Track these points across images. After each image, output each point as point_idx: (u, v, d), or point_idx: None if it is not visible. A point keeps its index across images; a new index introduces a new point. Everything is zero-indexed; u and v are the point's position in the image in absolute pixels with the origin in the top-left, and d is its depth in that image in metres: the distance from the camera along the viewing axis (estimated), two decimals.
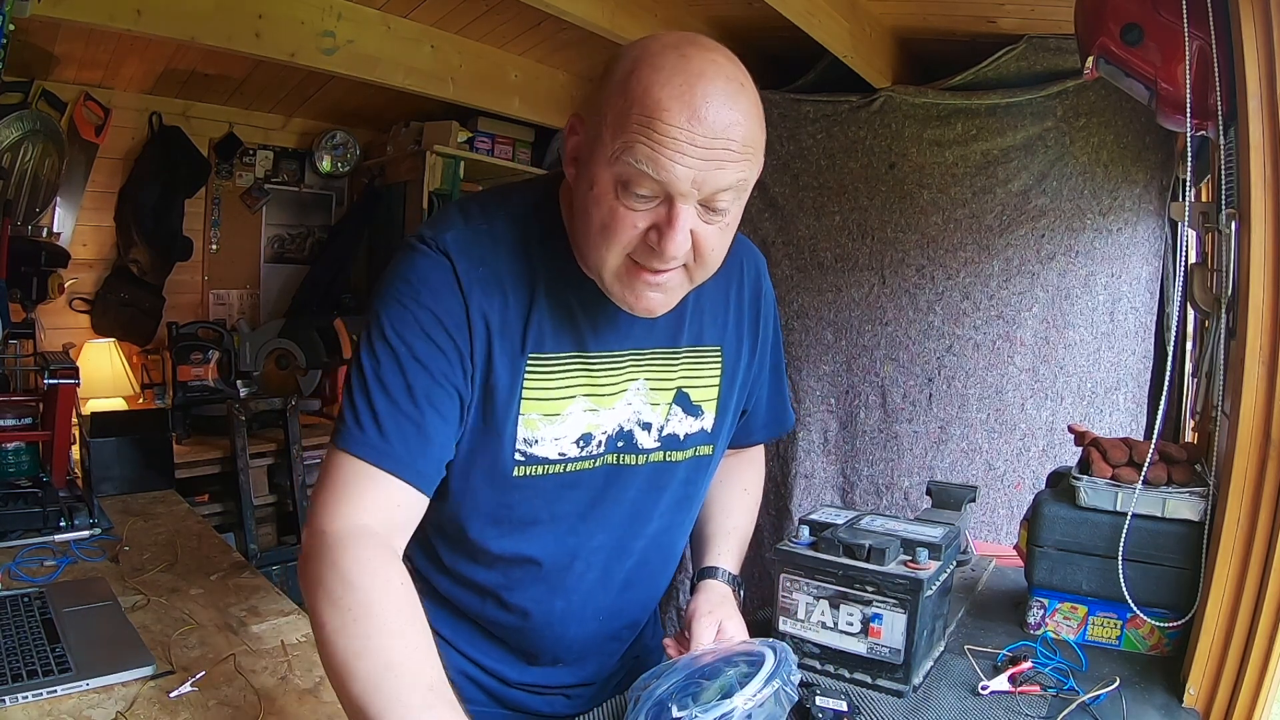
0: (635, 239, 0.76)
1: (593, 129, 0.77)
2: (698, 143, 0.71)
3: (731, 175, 0.74)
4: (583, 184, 0.78)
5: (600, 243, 0.77)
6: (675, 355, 0.96)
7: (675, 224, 0.73)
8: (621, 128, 0.72)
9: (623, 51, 0.77)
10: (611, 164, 0.74)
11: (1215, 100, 1.09)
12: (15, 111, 2.58)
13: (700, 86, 0.71)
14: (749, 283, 1.03)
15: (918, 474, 2.58)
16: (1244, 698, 1.00)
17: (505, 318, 0.85)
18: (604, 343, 0.90)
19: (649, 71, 0.72)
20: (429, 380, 0.80)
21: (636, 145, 0.71)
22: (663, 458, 0.97)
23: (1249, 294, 1.00)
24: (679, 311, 0.94)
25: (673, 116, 0.70)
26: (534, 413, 0.87)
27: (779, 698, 0.84)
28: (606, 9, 2.23)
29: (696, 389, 0.98)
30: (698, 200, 0.74)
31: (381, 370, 0.80)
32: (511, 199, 0.91)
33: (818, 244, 2.75)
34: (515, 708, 1.07)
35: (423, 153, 3.23)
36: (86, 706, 1.01)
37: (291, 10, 2.36)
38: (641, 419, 0.94)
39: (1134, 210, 2.26)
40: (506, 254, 0.86)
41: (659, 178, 0.72)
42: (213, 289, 3.41)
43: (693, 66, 0.72)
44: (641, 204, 0.74)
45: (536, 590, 0.97)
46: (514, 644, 1.02)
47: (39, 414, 1.98)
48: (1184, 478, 1.14)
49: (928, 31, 2.52)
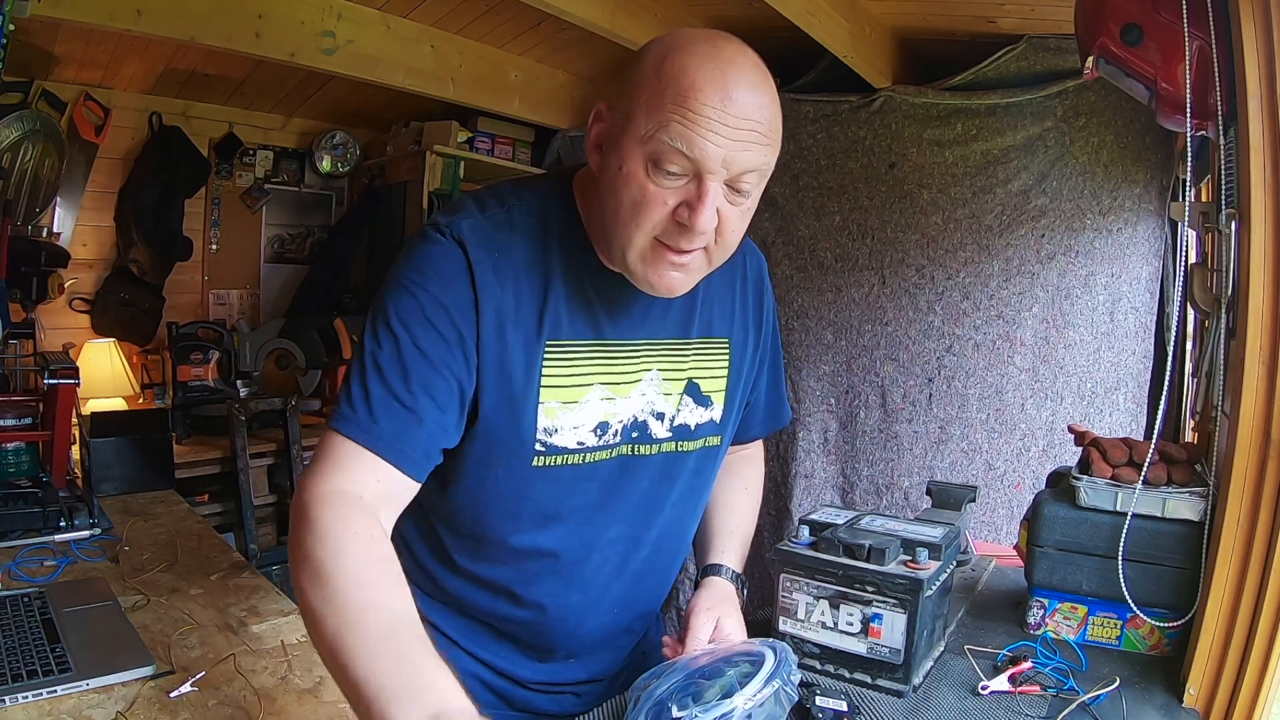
0: (664, 217, 0.78)
1: (623, 113, 0.79)
2: (729, 122, 0.74)
3: (757, 157, 0.77)
4: (610, 166, 0.80)
5: (630, 220, 0.79)
6: (687, 345, 0.97)
7: (705, 199, 0.76)
8: (656, 108, 0.75)
9: (653, 42, 0.81)
10: (644, 143, 0.76)
11: (1215, 100, 1.09)
12: (15, 111, 2.58)
13: (732, 72, 0.75)
14: (752, 277, 1.05)
15: (918, 474, 2.58)
16: (1244, 698, 1.00)
17: (520, 303, 0.86)
18: (621, 330, 0.92)
19: (683, 56, 0.76)
20: (427, 368, 0.82)
21: (671, 124, 0.74)
22: (674, 448, 0.98)
23: (1249, 294, 1.00)
24: (691, 302, 0.96)
25: (707, 96, 0.74)
26: (553, 400, 0.88)
27: (779, 698, 0.84)
28: (606, 9, 2.23)
29: (706, 379, 1.00)
30: (725, 180, 0.77)
31: (381, 356, 0.82)
32: (525, 190, 0.92)
33: (818, 244, 2.75)
34: (525, 709, 1.06)
35: (423, 153, 3.23)
36: (86, 706, 1.01)
37: (291, 10, 2.36)
38: (655, 409, 0.96)
39: (1134, 210, 2.26)
40: (522, 241, 0.87)
41: (691, 154, 0.75)
42: (213, 289, 3.41)
43: (724, 54, 0.76)
44: (671, 181, 0.77)
45: (553, 584, 0.97)
46: (527, 640, 1.02)
47: (39, 414, 1.98)
48: (1184, 478, 1.14)
49: (928, 31, 2.52)
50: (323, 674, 1.11)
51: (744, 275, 1.04)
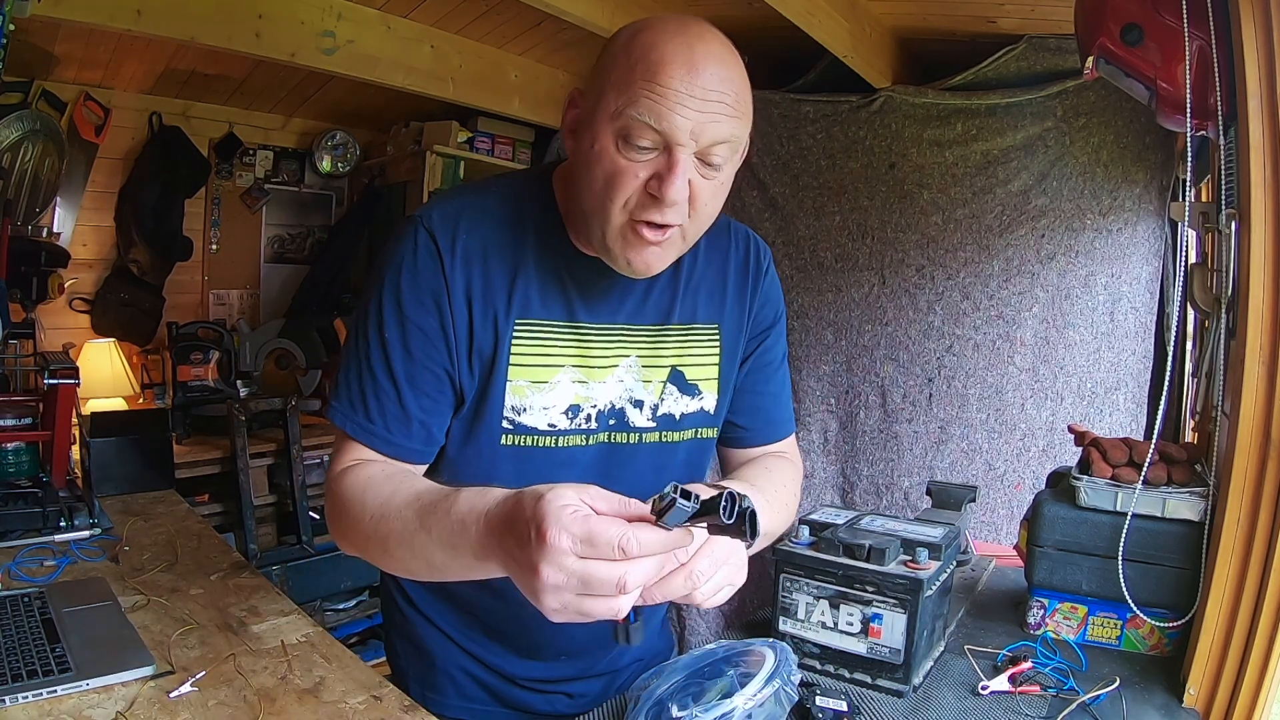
0: (637, 190, 0.80)
1: (594, 94, 0.82)
2: (696, 94, 0.76)
3: (725, 128, 0.79)
4: (584, 145, 0.83)
5: (604, 195, 0.81)
6: (668, 333, 0.97)
7: (676, 169, 0.78)
8: (625, 85, 0.78)
9: (624, 26, 0.84)
10: (614, 119, 0.78)
11: (1215, 100, 1.09)
12: (15, 111, 2.58)
13: (699, 47, 0.78)
14: (741, 261, 1.03)
15: (918, 474, 2.58)
16: (1244, 698, 1.00)
17: (490, 281, 0.89)
18: (594, 314, 0.93)
19: (651, 35, 0.79)
20: (410, 362, 0.87)
21: (640, 99, 0.77)
22: (659, 438, 0.97)
23: (1249, 294, 1.00)
24: (671, 290, 0.96)
25: (673, 70, 0.76)
26: (521, 379, 0.90)
27: (779, 698, 0.84)
28: (606, 9, 2.23)
29: (693, 368, 0.99)
30: (695, 152, 0.79)
31: (372, 356, 0.87)
32: (505, 180, 0.97)
33: (818, 244, 2.75)
34: (518, 707, 1.07)
35: (423, 153, 3.23)
36: (86, 706, 1.01)
37: (291, 10, 2.36)
38: (633, 396, 0.96)
39: (1134, 210, 2.26)
40: (494, 224, 0.90)
41: (659, 127, 0.77)
42: (213, 289, 3.41)
43: (691, 30, 0.79)
44: (642, 155, 0.79)
45: None
46: (515, 636, 1.03)
47: (39, 414, 1.98)
48: (1184, 478, 1.14)
49: (928, 31, 2.52)
50: (323, 674, 1.11)
51: (734, 260, 1.02)
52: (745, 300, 1.03)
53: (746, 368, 1.05)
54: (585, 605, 0.60)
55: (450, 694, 1.07)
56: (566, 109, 0.87)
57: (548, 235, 0.91)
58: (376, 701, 1.04)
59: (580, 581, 0.59)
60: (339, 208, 3.72)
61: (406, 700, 1.03)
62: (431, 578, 0.77)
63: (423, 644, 1.07)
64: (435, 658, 1.07)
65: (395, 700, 1.03)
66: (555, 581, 0.59)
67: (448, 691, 1.07)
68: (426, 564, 0.74)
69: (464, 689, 1.07)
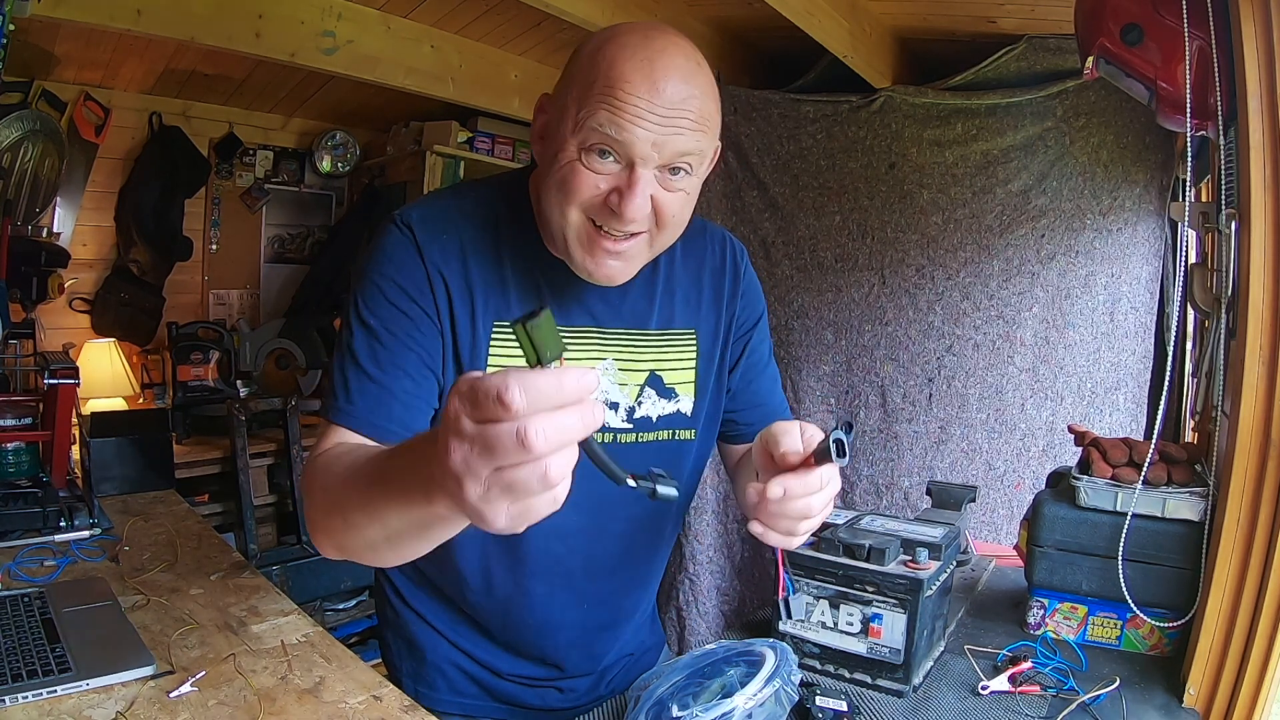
0: (596, 199, 0.81)
1: (559, 103, 0.83)
2: (657, 110, 0.77)
3: (689, 141, 0.79)
4: (549, 153, 0.84)
5: (562, 198, 0.82)
6: (645, 337, 0.98)
7: (635, 187, 0.78)
8: (587, 97, 0.78)
9: (590, 36, 0.84)
10: (576, 131, 0.79)
11: (1215, 100, 1.09)
12: (15, 111, 2.58)
13: (661, 61, 0.78)
14: (727, 264, 1.04)
15: (918, 474, 2.58)
16: (1244, 698, 1.00)
17: (469, 282, 0.89)
18: (570, 318, 0.94)
19: (614, 49, 0.79)
20: (395, 344, 0.87)
21: (600, 111, 0.77)
22: (635, 438, 0.98)
23: (1249, 294, 1.00)
24: (648, 295, 0.97)
25: (634, 87, 0.77)
26: None
27: (779, 698, 0.84)
28: (606, 9, 2.23)
29: (670, 372, 1.00)
30: (657, 165, 0.79)
31: (354, 343, 0.87)
32: (483, 184, 0.98)
33: (818, 244, 2.75)
34: (507, 700, 1.08)
35: (423, 153, 3.23)
36: (86, 706, 1.01)
37: (291, 10, 2.36)
38: (608, 399, 0.96)
39: (1134, 210, 2.26)
40: (470, 228, 0.91)
41: (619, 138, 0.77)
42: (213, 289, 3.41)
43: (655, 44, 0.79)
44: (603, 165, 0.80)
45: (516, 571, 0.98)
46: (500, 631, 1.04)
47: (39, 414, 1.98)
48: (1184, 478, 1.14)
49: (928, 31, 2.52)
50: (323, 674, 1.11)
51: (710, 264, 1.04)
52: (723, 303, 1.04)
53: (740, 369, 1.06)
54: (508, 479, 0.47)
55: (442, 688, 1.08)
56: (535, 115, 0.88)
57: (523, 239, 0.92)
58: (376, 701, 1.04)
59: (482, 449, 0.47)
60: (339, 208, 3.72)
61: (406, 700, 1.03)
62: (393, 551, 0.69)
63: (414, 639, 1.08)
64: (426, 653, 1.07)
65: (395, 700, 1.04)
66: (459, 457, 0.48)
67: (439, 686, 1.08)
68: (383, 529, 0.66)
69: (455, 683, 1.08)
